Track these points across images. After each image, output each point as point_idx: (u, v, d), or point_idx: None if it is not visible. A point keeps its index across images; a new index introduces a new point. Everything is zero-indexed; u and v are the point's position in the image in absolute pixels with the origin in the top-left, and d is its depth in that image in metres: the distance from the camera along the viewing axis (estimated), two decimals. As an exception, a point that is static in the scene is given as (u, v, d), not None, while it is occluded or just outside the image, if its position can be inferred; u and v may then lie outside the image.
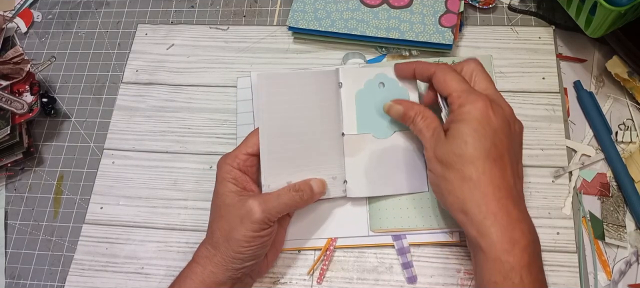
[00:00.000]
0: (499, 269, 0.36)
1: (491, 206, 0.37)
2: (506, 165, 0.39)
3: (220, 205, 0.43)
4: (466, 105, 0.39)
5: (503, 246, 0.36)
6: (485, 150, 0.38)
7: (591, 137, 0.50)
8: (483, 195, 0.37)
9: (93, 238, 0.51)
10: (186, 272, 0.42)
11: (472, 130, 0.38)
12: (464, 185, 0.38)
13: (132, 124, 0.56)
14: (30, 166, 0.55)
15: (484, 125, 0.38)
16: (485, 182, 0.37)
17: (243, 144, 0.45)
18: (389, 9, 0.55)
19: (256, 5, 0.61)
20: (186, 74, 0.58)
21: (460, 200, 0.38)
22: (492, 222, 0.37)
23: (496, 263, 0.36)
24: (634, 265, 0.45)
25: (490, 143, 0.38)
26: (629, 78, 0.50)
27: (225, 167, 0.44)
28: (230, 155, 0.45)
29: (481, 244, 0.37)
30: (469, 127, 0.39)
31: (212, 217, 0.44)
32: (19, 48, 0.58)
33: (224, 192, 0.43)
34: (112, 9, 0.63)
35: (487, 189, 0.37)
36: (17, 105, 0.53)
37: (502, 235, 0.36)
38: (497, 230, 0.36)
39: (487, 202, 0.37)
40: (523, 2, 0.58)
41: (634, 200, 0.46)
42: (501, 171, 0.38)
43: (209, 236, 0.43)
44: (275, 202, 0.42)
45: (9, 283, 0.50)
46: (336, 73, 0.48)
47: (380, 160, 0.47)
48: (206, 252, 0.42)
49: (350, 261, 0.47)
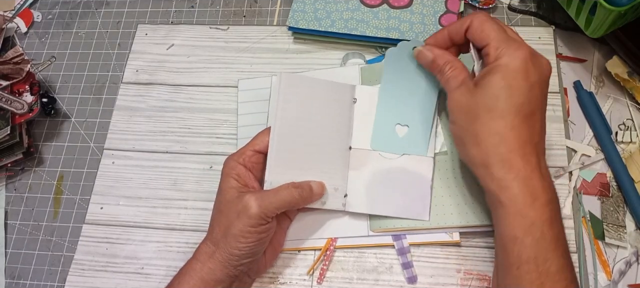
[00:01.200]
0: (519, 223, 0.36)
1: (515, 161, 0.36)
2: (536, 122, 0.38)
3: (221, 200, 0.43)
4: (504, 57, 0.38)
5: (525, 200, 0.36)
6: (517, 105, 0.37)
7: (591, 137, 0.50)
8: (508, 151, 0.37)
9: (93, 239, 0.51)
10: (185, 268, 0.42)
11: (506, 84, 0.37)
12: (489, 138, 0.37)
13: (132, 124, 0.56)
14: (30, 166, 0.55)
15: (521, 79, 0.37)
16: (513, 138, 0.37)
17: (252, 140, 0.45)
18: (389, 9, 0.55)
19: (256, 5, 0.61)
20: (186, 74, 0.58)
21: (483, 153, 0.38)
22: (515, 176, 0.36)
23: (517, 218, 0.36)
24: (633, 265, 0.45)
25: (525, 98, 0.37)
26: (629, 78, 0.50)
27: (230, 163, 0.44)
28: (237, 151, 0.45)
29: (501, 198, 0.36)
30: (505, 80, 0.37)
31: (213, 213, 0.44)
32: (19, 48, 0.58)
33: (225, 188, 0.43)
34: (112, 9, 0.63)
35: (514, 145, 0.37)
36: (17, 105, 0.53)
37: (525, 190, 0.36)
38: (519, 185, 0.36)
39: (512, 158, 0.36)
40: (523, 2, 0.58)
41: (634, 200, 0.46)
42: (530, 128, 0.37)
43: (209, 232, 0.43)
44: (273, 198, 0.42)
45: (9, 283, 0.50)
46: (352, 89, 0.48)
47: (384, 179, 0.47)
48: (206, 248, 0.42)
49: (350, 261, 0.47)
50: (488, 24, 0.40)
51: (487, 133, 0.37)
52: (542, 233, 0.35)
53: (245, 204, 0.41)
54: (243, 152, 0.44)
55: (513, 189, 0.36)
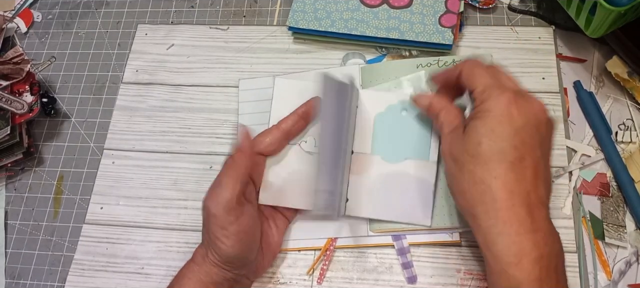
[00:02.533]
0: (504, 284, 0.33)
1: (501, 213, 0.34)
2: (526, 168, 0.35)
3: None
4: (488, 101, 0.36)
5: (509, 259, 0.33)
6: (501, 151, 0.35)
7: (591, 137, 0.50)
8: (493, 201, 0.34)
9: (93, 239, 0.51)
10: (184, 271, 0.42)
11: (488, 130, 0.35)
12: (474, 187, 0.35)
13: (132, 124, 0.56)
14: (30, 166, 0.55)
15: (504, 123, 0.35)
16: (498, 187, 0.34)
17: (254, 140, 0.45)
18: (389, 9, 0.55)
19: (256, 5, 0.61)
20: (186, 74, 0.58)
21: (470, 203, 0.36)
22: (500, 230, 0.34)
23: (502, 277, 0.33)
24: (633, 265, 0.45)
25: (509, 144, 0.35)
26: (629, 78, 0.50)
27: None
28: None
29: (486, 254, 0.34)
30: (486, 126, 0.35)
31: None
32: (19, 48, 0.58)
33: None
34: (112, 9, 0.63)
35: (499, 194, 0.34)
36: (17, 105, 0.53)
37: (509, 247, 0.33)
38: (503, 240, 0.33)
39: (497, 209, 0.34)
40: (523, 2, 0.58)
41: (634, 200, 0.46)
42: (518, 175, 0.34)
43: (202, 235, 0.43)
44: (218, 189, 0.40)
45: (9, 283, 0.50)
46: (356, 93, 0.48)
47: (386, 184, 0.46)
48: (201, 250, 0.42)
49: (350, 261, 0.47)
50: (478, 68, 0.39)
51: (472, 181, 0.35)
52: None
53: (204, 207, 0.41)
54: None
55: (497, 245, 0.34)
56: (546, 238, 0.34)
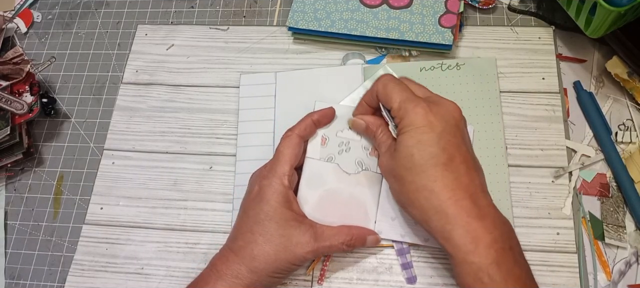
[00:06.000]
0: (467, 271, 0.35)
1: (450, 210, 0.36)
2: (459, 165, 0.38)
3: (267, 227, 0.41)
4: (407, 116, 0.39)
5: (466, 247, 0.35)
6: (433, 157, 0.38)
7: (591, 138, 0.50)
8: (440, 202, 0.37)
9: (93, 239, 0.51)
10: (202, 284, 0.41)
11: (416, 141, 0.38)
12: (419, 195, 0.38)
13: (132, 125, 0.56)
14: (30, 166, 0.55)
15: (427, 132, 0.38)
16: (440, 188, 0.37)
17: (286, 155, 0.43)
18: (389, 10, 0.55)
19: (256, 5, 0.61)
20: (186, 74, 0.58)
21: (419, 211, 0.38)
22: (453, 225, 0.36)
23: (464, 266, 0.35)
24: (633, 265, 0.45)
25: (437, 148, 0.38)
26: (628, 78, 0.50)
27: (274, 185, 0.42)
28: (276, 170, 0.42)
29: (447, 249, 0.37)
30: (413, 138, 0.38)
31: (248, 235, 0.41)
32: (19, 48, 0.58)
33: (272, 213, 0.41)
34: (112, 10, 0.63)
35: (443, 195, 0.37)
36: (17, 106, 0.53)
37: (464, 236, 0.35)
38: (458, 232, 0.36)
39: (445, 208, 0.36)
40: (523, 2, 0.58)
41: (634, 201, 0.46)
42: (454, 173, 0.37)
43: (239, 252, 0.40)
44: (325, 243, 0.41)
45: (8, 284, 0.50)
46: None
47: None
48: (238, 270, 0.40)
49: (350, 261, 0.47)
50: (391, 85, 0.41)
51: (414, 191, 0.38)
52: (490, 276, 0.34)
53: (299, 241, 0.40)
54: (282, 171, 0.42)
55: (454, 239, 0.36)
56: (495, 222, 0.37)
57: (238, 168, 0.52)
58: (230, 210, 0.50)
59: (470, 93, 0.52)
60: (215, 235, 0.50)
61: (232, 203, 0.50)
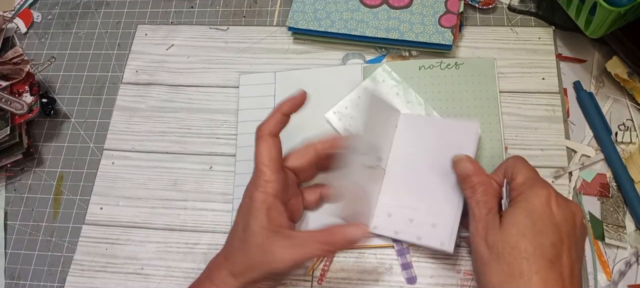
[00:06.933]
0: None
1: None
2: (564, 268, 0.35)
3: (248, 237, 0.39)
4: (528, 192, 0.37)
5: None
6: (542, 247, 0.35)
7: (591, 138, 0.50)
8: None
9: (93, 239, 0.51)
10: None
11: (531, 223, 0.36)
12: (512, 280, 0.35)
13: (131, 125, 0.56)
14: (30, 166, 0.55)
15: (544, 218, 0.36)
16: (537, 282, 0.34)
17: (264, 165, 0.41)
18: (389, 10, 0.55)
19: (256, 5, 0.61)
20: (186, 75, 0.58)
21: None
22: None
23: None
24: (633, 265, 0.45)
25: (549, 241, 0.35)
26: (628, 78, 0.50)
27: (259, 195, 0.40)
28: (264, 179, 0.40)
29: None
30: (529, 219, 0.36)
31: (236, 243, 0.40)
32: (19, 48, 0.58)
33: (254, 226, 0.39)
34: (112, 10, 0.63)
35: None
36: (16, 106, 0.53)
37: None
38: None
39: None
40: (523, 3, 0.58)
41: (634, 201, 0.46)
42: (557, 274, 0.35)
43: (229, 261, 0.40)
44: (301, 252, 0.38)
45: (8, 284, 0.50)
46: (397, 116, 0.49)
47: (412, 204, 0.45)
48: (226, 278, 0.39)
49: (350, 261, 0.47)
50: (521, 162, 0.40)
51: (509, 273, 0.35)
52: None
53: (273, 257, 0.38)
54: (264, 178, 0.40)
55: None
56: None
57: (238, 169, 0.52)
58: (230, 211, 0.50)
59: (469, 92, 0.52)
60: (215, 235, 0.50)
61: (232, 203, 0.50)
